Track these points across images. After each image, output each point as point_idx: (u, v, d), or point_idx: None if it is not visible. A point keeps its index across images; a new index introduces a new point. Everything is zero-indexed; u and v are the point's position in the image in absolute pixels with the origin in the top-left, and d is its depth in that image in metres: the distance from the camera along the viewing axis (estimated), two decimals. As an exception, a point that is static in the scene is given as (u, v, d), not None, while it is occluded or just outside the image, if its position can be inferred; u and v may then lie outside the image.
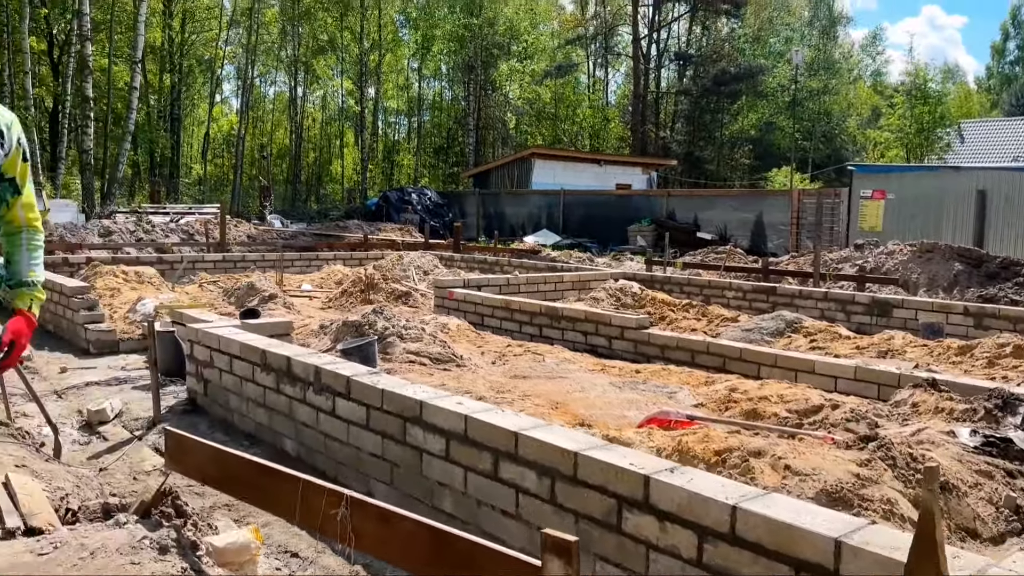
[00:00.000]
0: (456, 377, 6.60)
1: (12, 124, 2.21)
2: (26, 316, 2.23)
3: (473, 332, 8.56)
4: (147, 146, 35.53)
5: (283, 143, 47.73)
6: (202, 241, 16.17)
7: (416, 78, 44.23)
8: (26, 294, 2.27)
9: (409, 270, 13.93)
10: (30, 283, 2.29)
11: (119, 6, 29.42)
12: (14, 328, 2.15)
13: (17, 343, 2.17)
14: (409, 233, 20.57)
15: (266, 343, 5.26)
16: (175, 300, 10.14)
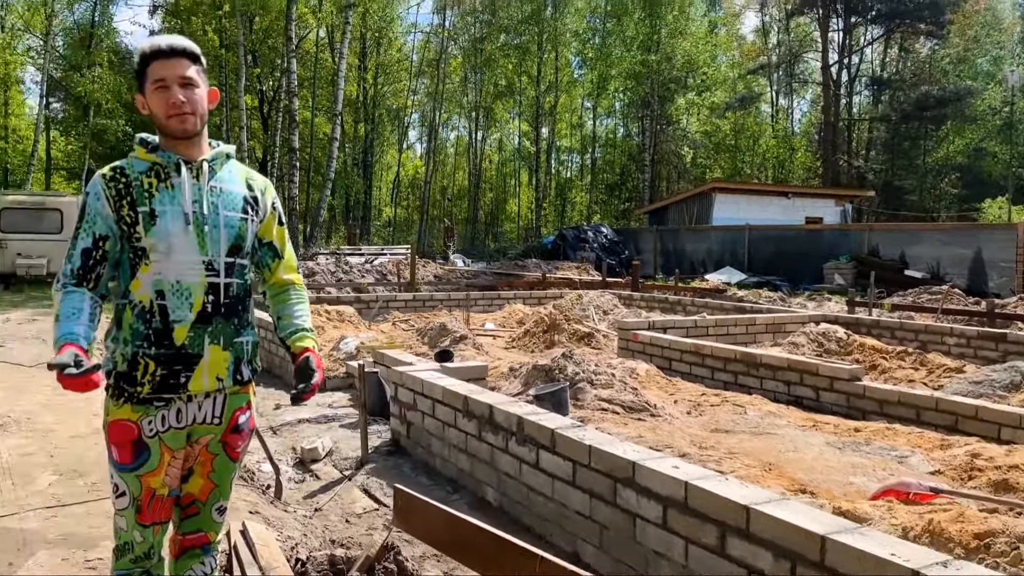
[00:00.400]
0: (652, 428, 6.37)
1: (266, 189, 2.25)
2: (315, 353, 2.25)
3: (663, 378, 8.28)
4: (343, 191, 38.18)
5: (462, 184, 49.67)
6: (394, 281, 16.94)
7: (590, 116, 44.65)
8: (308, 336, 2.27)
9: (589, 310, 13.84)
10: (308, 329, 2.29)
11: (321, 64, 31.96)
12: (320, 363, 2.22)
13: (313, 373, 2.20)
14: (586, 271, 20.55)
15: (467, 389, 5.31)
16: (373, 339, 10.65)
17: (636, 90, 37.29)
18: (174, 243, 2.01)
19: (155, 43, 2.03)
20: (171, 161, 2.05)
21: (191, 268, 2.04)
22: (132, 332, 2.03)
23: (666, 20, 34.68)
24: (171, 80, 2.00)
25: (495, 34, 39.49)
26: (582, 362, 7.61)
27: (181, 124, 2.02)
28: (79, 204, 2.10)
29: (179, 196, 2.04)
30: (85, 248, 2.02)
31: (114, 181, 2.03)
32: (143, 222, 2.00)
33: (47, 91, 28.99)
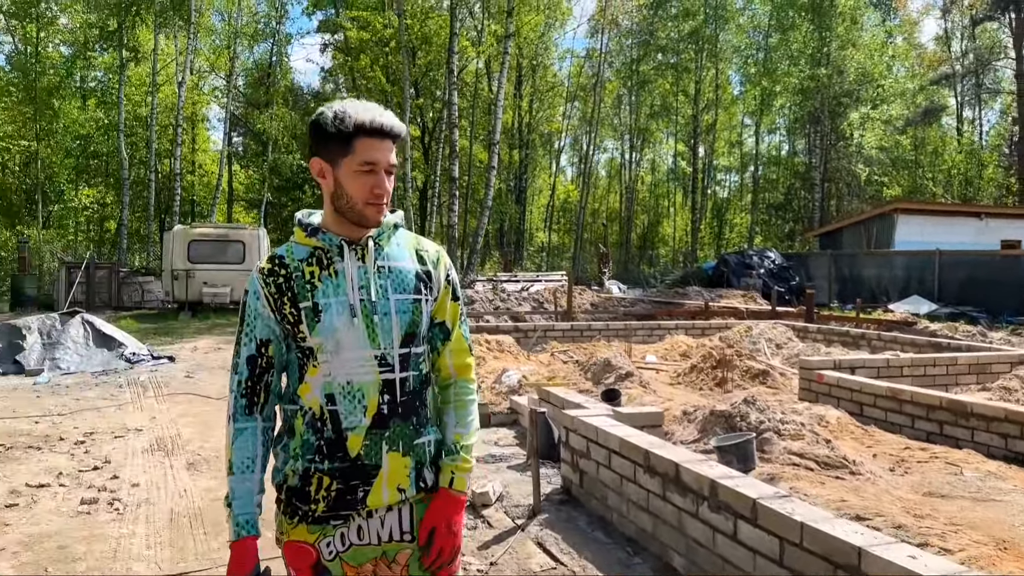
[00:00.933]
0: (854, 489, 5.70)
1: (439, 260, 1.97)
2: (445, 497, 1.90)
3: (856, 427, 7.50)
4: (497, 216, 38.80)
5: (613, 207, 49.23)
6: (550, 309, 16.77)
7: (750, 133, 43.05)
8: (447, 466, 1.93)
9: (759, 343, 13.04)
10: (454, 450, 1.95)
11: (478, 94, 32.72)
12: (429, 520, 1.88)
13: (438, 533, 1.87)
14: (753, 299, 19.51)
15: (648, 442, 4.92)
16: (534, 372, 10.46)
17: (804, 105, 35.49)
18: (342, 339, 1.79)
19: (375, 118, 1.77)
20: (333, 244, 1.82)
21: (362, 365, 1.81)
22: (303, 444, 1.83)
23: (836, 32, 32.78)
24: (382, 165, 1.79)
25: (652, 54, 38.97)
26: (766, 409, 7.01)
27: (378, 214, 1.82)
28: (241, 302, 1.91)
29: (343, 284, 1.81)
30: (250, 356, 1.84)
31: (272, 276, 1.82)
32: (307, 319, 1.79)
33: (229, 127, 31.34)
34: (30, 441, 6.06)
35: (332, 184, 1.80)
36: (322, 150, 1.80)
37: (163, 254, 18.48)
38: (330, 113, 1.76)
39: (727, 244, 43.59)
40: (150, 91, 26.74)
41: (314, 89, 40.54)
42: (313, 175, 1.84)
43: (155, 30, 26.82)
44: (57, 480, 5.01)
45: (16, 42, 28.94)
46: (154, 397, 8.06)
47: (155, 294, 19.35)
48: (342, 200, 1.80)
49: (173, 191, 26.46)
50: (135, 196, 28.24)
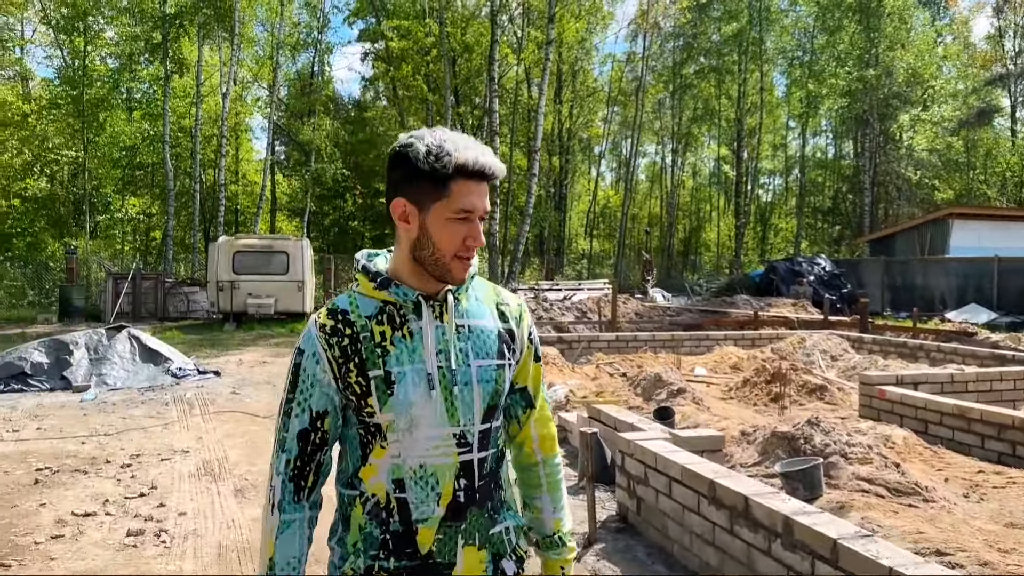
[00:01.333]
0: (930, 519, 5.37)
1: (522, 315, 1.71)
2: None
3: (925, 448, 7.13)
4: (537, 223, 38.63)
5: (654, 212, 48.72)
6: (594, 319, 16.51)
7: (794, 136, 42.28)
8: (555, 562, 1.73)
9: (814, 355, 12.63)
10: (559, 543, 1.74)
11: (520, 100, 32.61)
12: None
13: None
14: (803, 308, 18.99)
15: (712, 471, 4.67)
16: (580, 386, 10.22)
17: (851, 107, 34.71)
18: (418, 416, 1.51)
19: (478, 158, 1.48)
20: (409, 299, 1.55)
21: (438, 446, 1.54)
22: (365, 538, 1.55)
23: (884, 32, 31.96)
24: (479, 213, 1.51)
25: (694, 57, 38.50)
26: (831, 430, 6.69)
27: (464, 272, 1.55)
28: (290, 363, 1.59)
29: (419, 349, 1.53)
30: (302, 431, 1.54)
31: (336, 336, 1.53)
32: (377, 392, 1.50)
33: (272, 137, 31.68)
34: (76, 464, 6.00)
35: (416, 231, 1.52)
36: (408, 189, 1.51)
37: (208, 265, 18.64)
38: (422, 147, 1.46)
39: (772, 250, 42.79)
40: (194, 102, 27.10)
41: (355, 98, 40.91)
42: (393, 217, 1.55)
43: (199, 42, 27.20)
44: (103, 508, 4.92)
45: (65, 56, 29.61)
46: (200, 415, 8.00)
47: (200, 304, 19.53)
48: (426, 250, 1.52)
49: (218, 201, 26.77)
50: (180, 206, 28.65)
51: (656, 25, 36.22)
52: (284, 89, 38.35)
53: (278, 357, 12.91)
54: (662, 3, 35.20)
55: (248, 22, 30.86)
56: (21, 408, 8.19)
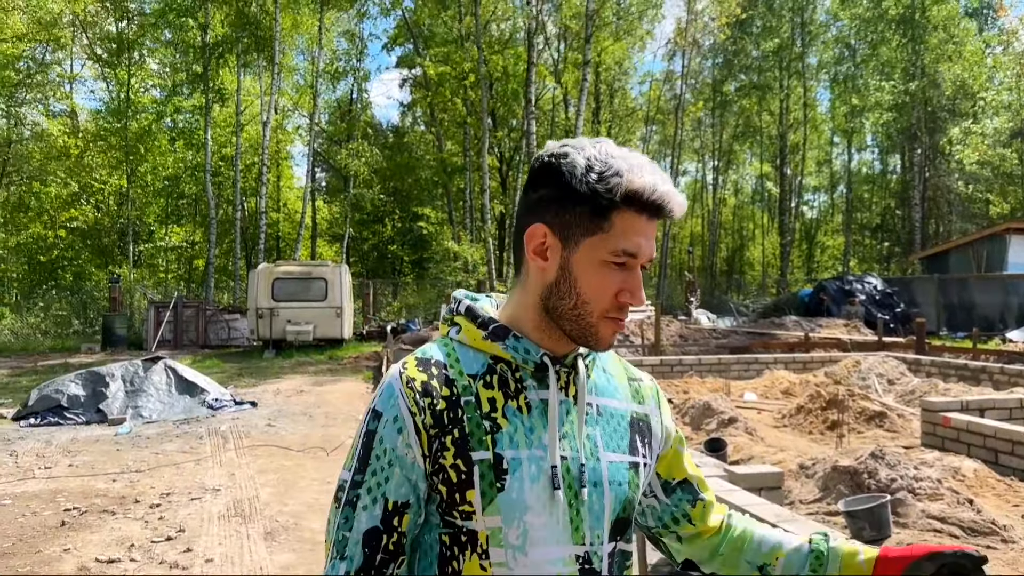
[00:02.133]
0: (1010, 563, 4.93)
1: (659, 396, 1.30)
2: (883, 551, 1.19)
3: (997, 480, 6.63)
4: (576, 245, 38.35)
5: (695, 230, 48.08)
6: (636, 342, 16.12)
7: (840, 152, 41.41)
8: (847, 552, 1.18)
9: (870, 379, 12.06)
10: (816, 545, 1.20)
11: (557, 122, 32.51)
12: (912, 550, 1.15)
13: None
14: (856, 329, 18.31)
15: (774, 514, 4.30)
16: (626, 415, 9.88)
17: (898, 121, 33.87)
18: (533, 525, 1.06)
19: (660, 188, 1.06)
20: (530, 359, 1.12)
21: (559, 573, 1.08)
22: None
23: (929, 44, 31.19)
24: (644, 259, 1.09)
25: (734, 73, 38.04)
26: (897, 464, 6.23)
27: (612, 336, 1.12)
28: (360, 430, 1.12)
29: (538, 430, 1.10)
30: (371, 530, 1.06)
31: (429, 396, 1.08)
32: (481, 483, 1.06)
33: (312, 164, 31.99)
34: (105, 503, 5.82)
35: (555, 272, 1.11)
36: (555, 214, 1.09)
37: (248, 292, 18.69)
38: (582, 159, 1.07)
39: (819, 268, 41.82)
40: (235, 131, 27.49)
41: (393, 124, 41.22)
42: (526, 249, 1.13)
43: (239, 71, 27.63)
44: (128, 554, 4.70)
45: (110, 88, 30.34)
46: (234, 449, 7.81)
47: (241, 332, 19.59)
48: (565, 300, 1.10)
49: (259, 229, 27.03)
50: (222, 234, 29.00)
51: (695, 43, 35.87)
52: (324, 116, 38.83)
53: (316, 386, 12.76)
54: (700, 21, 34.86)
55: (288, 51, 31.34)
56: (56, 443, 8.10)
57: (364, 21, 35.27)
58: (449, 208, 32.65)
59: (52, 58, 28.99)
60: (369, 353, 16.09)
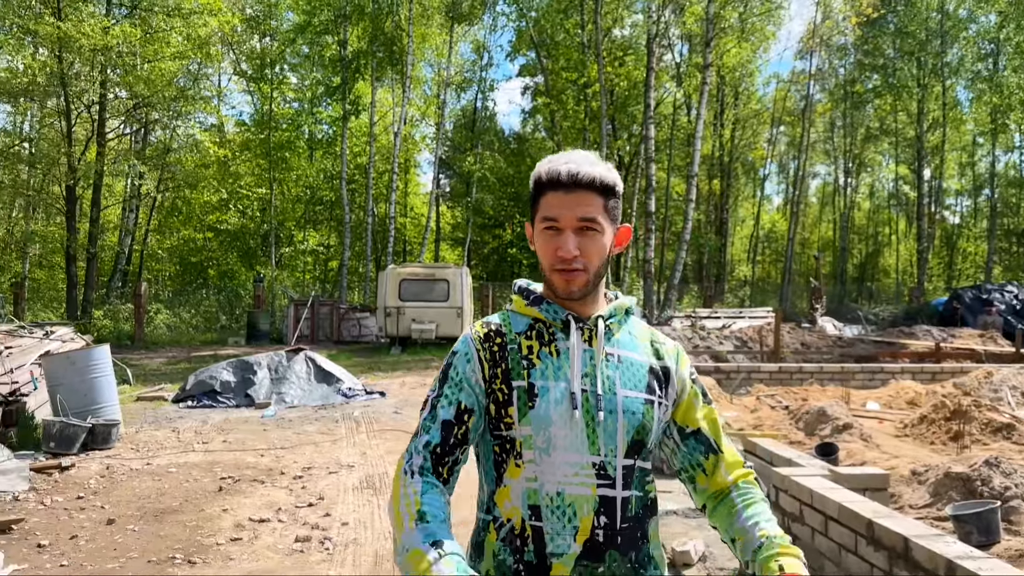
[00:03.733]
0: None
1: (680, 355, 1.62)
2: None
3: None
4: (696, 249, 37.81)
5: (825, 235, 46.29)
6: (755, 348, 15.93)
7: (984, 153, 38.84)
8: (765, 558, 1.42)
9: (1002, 391, 11.53)
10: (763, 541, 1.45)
11: (679, 125, 32.28)
12: None
13: None
14: (992, 340, 17.34)
15: (872, 511, 4.41)
16: (738, 419, 9.90)
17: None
18: (556, 435, 1.44)
19: (553, 168, 1.48)
20: (558, 317, 1.53)
21: (576, 473, 1.44)
22: (497, 566, 1.46)
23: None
24: (565, 223, 1.47)
25: (867, 73, 36.47)
26: (1013, 472, 6.14)
27: (567, 283, 1.50)
28: (443, 364, 1.58)
29: (565, 366, 1.48)
30: (447, 420, 1.48)
31: (488, 342, 1.53)
32: (518, 402, 1.46)
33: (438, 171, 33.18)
34: (255, 474, 6.57)
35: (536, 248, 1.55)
36: (531, 214, 1.56)
37: (377, 292, 19.79)
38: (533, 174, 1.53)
39: (960, 276, 39.37)
40: (368, 141, 28.99)
41: (515, 130, 42.09)
42: None
43: (373, 84, 29.12)
44: (276, 516, 5.37)
45: (255, 101, 32.66)
46: (365, 433, 8.51)
47: (370, 329, 20.74)
48: (541, 268, 1.55)
49: (387, 232, 28.41)
50: (355, 238, 30.61)
51: (825, 42, 34.71)
52: (449, 124, 40.14)
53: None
54: (831, 20, 33.71)
55: (417, 63, 32.72)
56: (210, 422, 9.08)
57: (491, 33, 36.32)
58: (568, 213, 33.01)
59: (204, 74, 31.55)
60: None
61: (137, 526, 5.16)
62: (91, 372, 7.73)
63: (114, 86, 24.44)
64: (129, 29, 22.91)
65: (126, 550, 4.72)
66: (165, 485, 6.21)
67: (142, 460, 7.05)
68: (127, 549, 4.74)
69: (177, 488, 6.13)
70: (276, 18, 31.41)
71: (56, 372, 7.68)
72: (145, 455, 7.27)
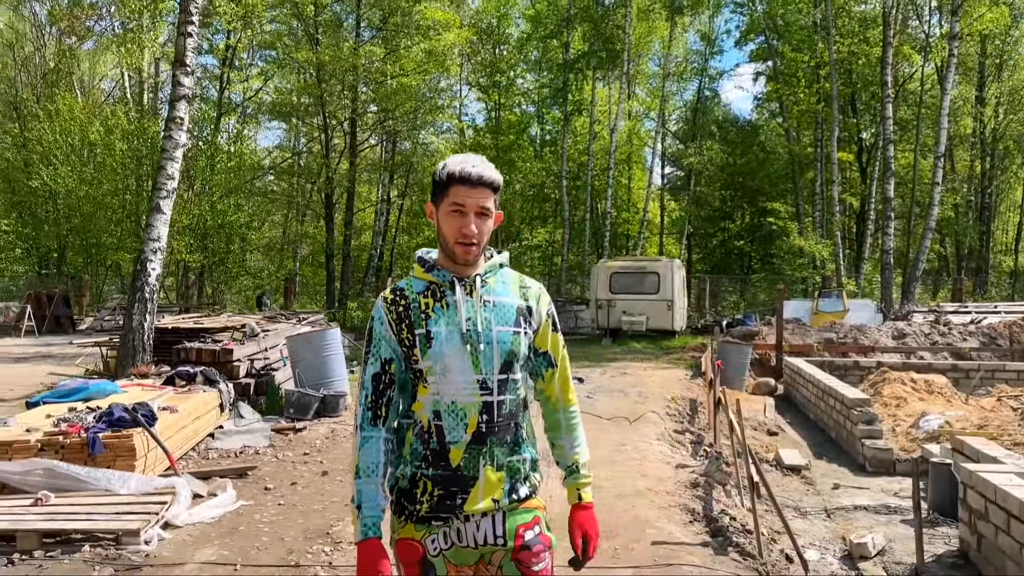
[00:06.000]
0: None
1: (540, 297, 2.21)
2: (583, 510, 2.17)
3: None
4: (953, 239, 34.09)
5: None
6: (1004, 346, 14.30)
7: None
8: (573, 485, 2.20)
9: None
10: (576, 470, 2.20)
11: (926, 104, 29.42)
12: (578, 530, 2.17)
13: (590, 537, 2.16)
14: None
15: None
16: (963, 418, 9.11)
17: None
18: (449, 364, 2.01)
19: (465, 169, 2.00)
20: (445, 279, 2.08)
21: (465, 388, 2.02)
22: (412, 452, 2.06)
23: None
24: (469, 208, 2.01)
25: None
26: None
27: (465, 254, 2.04)
28: (368, 327, 2.15)
29: (454, 315, 2.04)
30: (375, 374, 2.07)
31: (395, 304, 2.08)
32: (420, 344, 2.02)
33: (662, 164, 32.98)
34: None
35: (437, 225, 2.08)
36: (432, 196, 2.09)
37: (591, 285, 20.28)
38: (440, 167, 2.05)
39: None
40: (589, 139, 29.62)
41: (745, 118, 40.53)
42: (428, 216, 2.16)
43: (593, 83, 29.68)
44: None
45: (488, 107, 34.61)
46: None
47: (585, 321, 21.26)
48: (441, 239, 2.07)
49: (603, 227, 28.86)
50: (576, 233, 31.40)
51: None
52: (674, 116, 39.66)
53: (639, 370, 13.56)
54: None
55: (643, 56, 32.79)
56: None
57: (717, 19, 35.42)
58: (798, 202, 31.33)
59: (447, 85, 34.04)
60: (697, 345, 16.51)
61: (344, 478, 6.03)
62: (324, 351, 8.95)
63: (363, 102, 27.21)
64: (373, 48, 25.40)
65: (331, 495, 5.57)
66: (375, 447, 7.09)
67: (361, 427, 8.05)
68: (331, 496, 5.58)
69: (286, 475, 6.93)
70: (507, 26, 33.04)
71: (296, 350, 9.00)
72: (365, 423, 8.28)
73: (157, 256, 10.08)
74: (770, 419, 10.36)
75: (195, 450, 6.85)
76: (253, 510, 5.25)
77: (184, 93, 10.57)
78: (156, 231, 10.09)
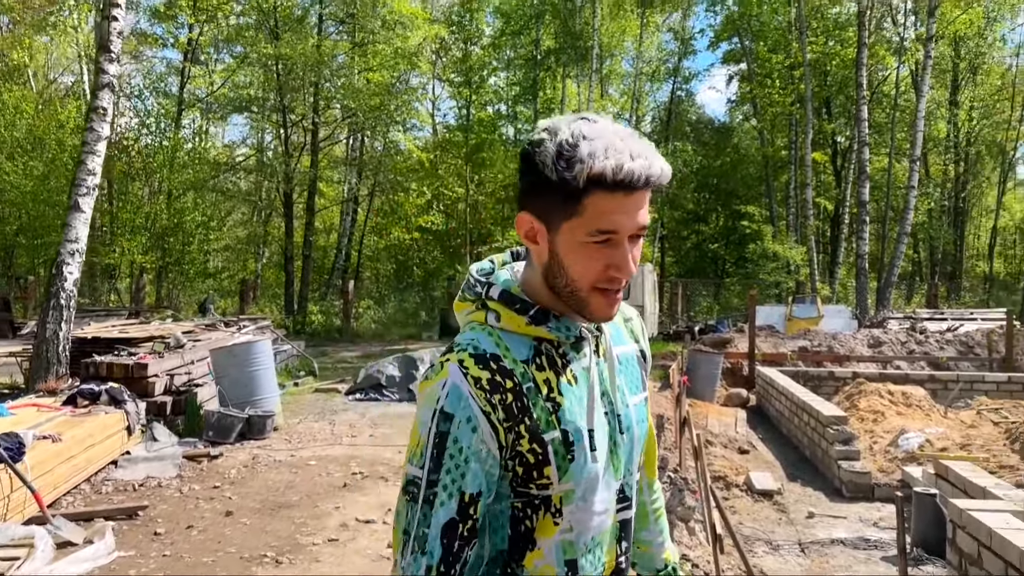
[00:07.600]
0: None
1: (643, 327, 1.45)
2: None
3: None
4: (926, 243, 33.90)
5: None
6: (983, 356, 13.87)
7: None
8: None
9: None
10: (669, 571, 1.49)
11: (900, 107, 29.16)
12: None
13: None
14: None
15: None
16: (943, 436, 8.55)
17: None
18: (594, 480, 1.19)
19: (626, 167, 1.06)
20: (571, 334, 1.20)
21: (606, 508, 1.23)
22: None
23: None
24: (626, 232, 1.11)
25: None
26: None
27: (608, 309, 1.17)
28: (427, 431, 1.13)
29: (586, 397, 1.19)
30: (449, 522, 1.10)
31: (495, 389, 1.13)
32: (556, 458, 1.15)
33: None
34: (384, 471, 6.53)
35: (547, 253, 1.16)
36: (535, 202, 1.15)
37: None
38: (552, 146, 1.09)
39: None
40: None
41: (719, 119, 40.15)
42: (519, 235, 1.20)
43: (563, 81, 29.03)
44: (383, 516, 5.23)
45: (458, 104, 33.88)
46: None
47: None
48: (559, 279, 1.16)
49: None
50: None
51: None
52: (647, 116, 39.19)
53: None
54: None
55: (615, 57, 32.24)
56: (368, 416, 9.28)
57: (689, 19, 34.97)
58: (771, 205, 30.98)
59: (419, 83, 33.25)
60: (667, 353, 15.90)
61: (251, 519, 5.25)
62: (252, 365, 8.13)
63: (325, 98, 26.34)
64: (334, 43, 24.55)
65: (228, 544, 4.78)
66: (297, 478, 6.32)
67: (288, 451, 7.28)
68: (229, 543, 4.79)
69: (306, 482, 6.22)
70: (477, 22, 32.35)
71: (220, 364, 8.18)
72: (294, 447, 7.51)
73: (75, 259, 9.20)
74: (742, 435, 9.80)
75: (89, 482, 6.02)
76: (130, 563, 4.45)
77: (108, 81, 9.69)
78: (74, 231, 9.22)
